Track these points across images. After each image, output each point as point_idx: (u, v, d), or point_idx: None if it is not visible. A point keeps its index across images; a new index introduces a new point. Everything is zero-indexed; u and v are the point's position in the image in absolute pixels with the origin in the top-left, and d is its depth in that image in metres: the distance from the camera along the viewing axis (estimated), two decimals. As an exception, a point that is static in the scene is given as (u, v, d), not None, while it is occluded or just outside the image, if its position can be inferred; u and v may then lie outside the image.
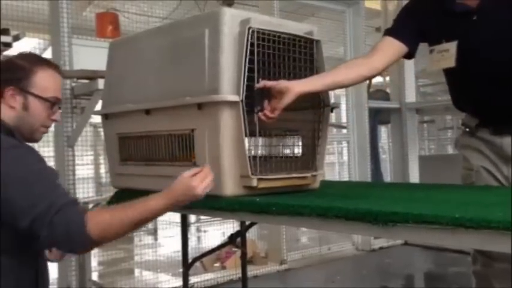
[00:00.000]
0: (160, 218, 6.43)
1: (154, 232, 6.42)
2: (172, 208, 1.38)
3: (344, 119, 5.27)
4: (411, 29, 1.84)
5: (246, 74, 1.52)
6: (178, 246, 2.56)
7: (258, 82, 1.54)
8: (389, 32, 1.86)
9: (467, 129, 1.91)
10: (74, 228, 1.24)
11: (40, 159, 1.34)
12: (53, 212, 1.23)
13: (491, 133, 1.81)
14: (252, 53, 1.53)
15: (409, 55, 1.87)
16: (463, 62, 1.74)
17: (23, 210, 1.23)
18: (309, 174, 1.67)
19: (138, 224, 1.34)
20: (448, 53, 1.76)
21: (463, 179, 1.91)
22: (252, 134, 1.55)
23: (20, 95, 1.41)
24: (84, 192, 3.95)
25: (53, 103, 1.46)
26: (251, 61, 1.53)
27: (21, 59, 1.45)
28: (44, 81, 1.44)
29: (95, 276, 4.13)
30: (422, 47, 1.90)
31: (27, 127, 1.42)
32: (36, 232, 1.24)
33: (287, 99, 1.52)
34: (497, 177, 1.81)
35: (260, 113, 1.54)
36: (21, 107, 1.41)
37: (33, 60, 1.46)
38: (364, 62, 1.80)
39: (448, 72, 1.86)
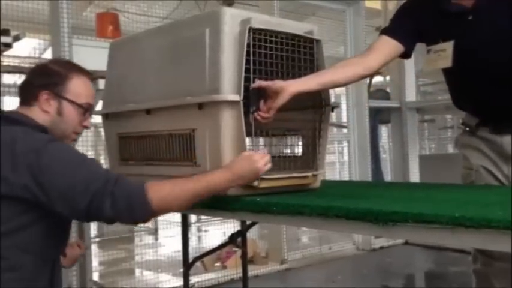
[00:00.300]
0: (160, 218, 6.45)
1: (155, 232, 6.42)
2: (234, 184, 1.40)
3: (344, 119, 5.27)
4: (408, 28, 1.84)
5: (246, 74, 1.52)
6: (178, 246, 2.56)
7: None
8: (386, 31, 1.86)
9: (467, 129, 1.91)
10: (135, 197, 1.26)
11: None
12: (111, 184, 1.25)
13: (491, 132, 1.82)
14: (252, 52, 1.53)
15: (406, 55, 1.87)
16: (460, 62, 1.75)
17: (79, 193, 1.24)
18: (309, 174, 1.67)
19: (198, 196, 1.35)
20: (444, 53, 1.76)
21: (463, 178, 1.91)
22: (251, 134, 1.55)
23: (55, 99, 1.43)
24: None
25: (86, 109, 1.48)
26: (251, 61, 1.53)
27: (57, 65, 1.48)
28: (78, 88, 1.46)
29: (95, 276, 4.14)
30: (423, 46, 1.90)
31: (59, 132, 1.44)
32: (97, 209, 1.24)
33: (282, 99, 1.52)
34: (497, 176, 1.81)
35: (255, 113, 1.53)
36: (56, 112, 1.43)
37: (68, 66, 1.49)
38: (360, 60, 1.80)
39: (446, 72, 1.86)
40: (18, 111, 1.43)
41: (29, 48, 5.02)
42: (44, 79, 1.44)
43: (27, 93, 1.44)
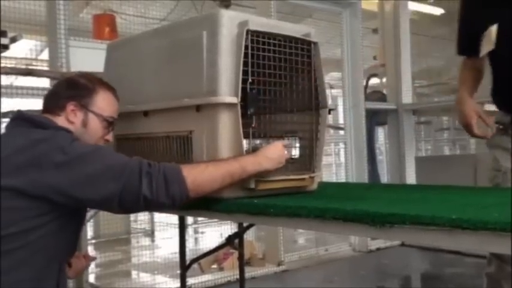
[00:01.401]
0: (157, 220, 6.43)
1: (151, 234, 6.42)
2: (262, 167, 1.46)
3: (341, 120, 5.29)
4: (474, 36, 1.92)
5: (243, 76, 1.52)
6: (175, 247, 2.56)
7: (254, 84, 1.54)
8: (461, 52, 2.04)
9: (501, 127, 1.91)
10: (171, 173, 1.30)
11: None
12: (146, 166, 1.29)
13: None
14: (250, 55, 1.53)
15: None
16: (503, 47, 1.81)
17: (115, 174, 1.27)
18: (306, 176, 1.68)
19: (230, 177, 1.40)
20: (489, 37, 1.84)
21: (489, 179, 1.91)
22: (246, 136, 1.56)
23: (81, 111, 1.48)
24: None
25: (110, 123, 1.53)
26: (249, 63, 1.53)
27: (84, 79, 1.53)
28: (103, 102, 1.52)
29: (92, 278, 4.13)
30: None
31: None
32: (131, 191, 1.26)
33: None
34: None
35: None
36: (81, 123, 1.47)
37: (94, 81, 1.54)
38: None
39: (490, 59, 1.91)
40: (41, 115, 1.45)
41: (25, 50, 5.02)
42: (71, 91, 1.49)
43: (53, 104, 1.48)
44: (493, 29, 1.81)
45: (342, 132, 5.18)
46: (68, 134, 1.38)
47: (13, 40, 2.98)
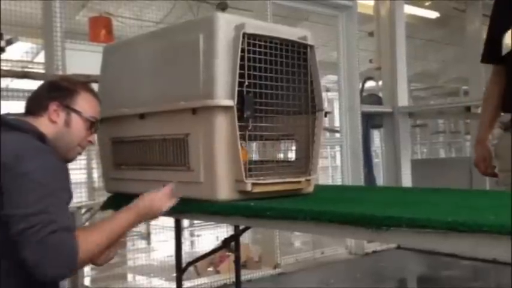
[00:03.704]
0: (153, 222, 6.40)
1: (147, 236, 6.39)
2: (136, 225, 1.45)
3: (337, 123, 5.29)
4: (495, 41, 1.94)
5: (240, 79, 1.52)
6: (171, 250, 2.55)
7: (250, 87, 1.54)
8: (488, 60, 2.04)
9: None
10: (67, 254, 1.22)
11: (65, 178, 1.35)
12: (49, 230, 1.20)
13: None
14: (246, 58, 1.54)
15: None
16: None
17: (22, 213, 1.21)
18: (303, 179, 1.68)
19: (113, 240, 1.37)
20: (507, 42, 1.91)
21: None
22: (244, 138, 1.56)
23: (64, 111, 1.48)
24: (77, 196, 3.93)
25: (92, 123, 1.53)
26: (246, 66, 1.53)
27: (65, 81, 1.55)
28: (85, 103, 1.52)
29: (87, 281, 4.11)
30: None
31: (64, 144, 1.46)
32: (23, 243, 1.19)
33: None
34: None
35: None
36: (63, 123, 1.47)
37: (76, 83, 1.56)
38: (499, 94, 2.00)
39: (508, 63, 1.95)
40: (19, 118, 1.43)
41: (21, 52, 5.01)
42: (54, 92, 1.49)
43: (36, 105, 1.48)
44: (508, 34, 1.84)
45: (338, 135, 5.18)
46: (37, 143, 1.34)
47: (9, 42, 2.98)
